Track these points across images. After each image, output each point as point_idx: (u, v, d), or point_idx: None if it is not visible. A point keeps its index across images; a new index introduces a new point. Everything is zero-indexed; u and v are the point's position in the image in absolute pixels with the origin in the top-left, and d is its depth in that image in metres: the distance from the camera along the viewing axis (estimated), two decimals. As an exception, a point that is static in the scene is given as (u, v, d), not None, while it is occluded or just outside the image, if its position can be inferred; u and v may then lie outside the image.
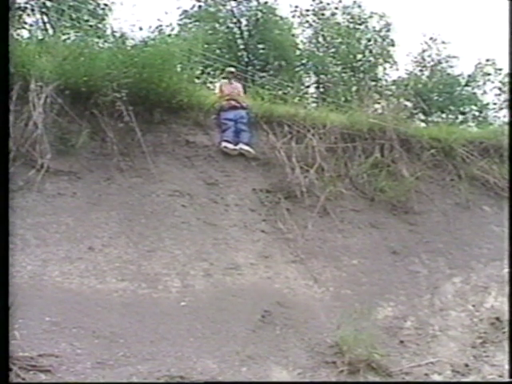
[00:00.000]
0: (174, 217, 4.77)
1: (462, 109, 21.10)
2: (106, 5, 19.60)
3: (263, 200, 5.29)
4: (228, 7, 17.66)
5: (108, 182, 4.83)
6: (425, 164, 6.08)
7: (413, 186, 5.77)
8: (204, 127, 5.64)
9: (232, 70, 6.44)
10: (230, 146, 5.52)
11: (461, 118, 20.74)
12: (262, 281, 4.50)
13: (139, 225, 4.58)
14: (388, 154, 5.96)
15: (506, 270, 4.96)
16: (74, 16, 14.84)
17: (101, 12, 18.96)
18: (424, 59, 23.06)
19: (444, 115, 21.02)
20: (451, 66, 22.43)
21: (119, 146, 4.97)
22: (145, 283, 4.11)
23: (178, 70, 5.69)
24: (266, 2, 17.86)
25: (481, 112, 20.64)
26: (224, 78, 6.45)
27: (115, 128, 5.01)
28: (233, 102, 5.79)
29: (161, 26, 18.81)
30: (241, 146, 5.55)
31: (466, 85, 22.04)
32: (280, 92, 12.47)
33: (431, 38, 23.01)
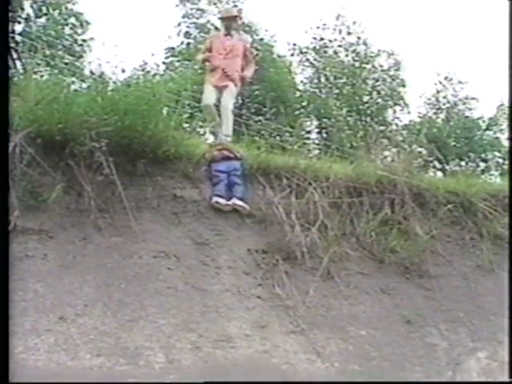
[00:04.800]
0: (159, 281, 4.80)
1: (483, 156, 21.41)
2: (84, 40, 20.11)
3: (259, 262, 5.33)
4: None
5: (84, 241, 4.88)
6: (441, 221, 6.16)
7: (428, 246, 5.82)
8: (193, 180, 5.73)
9: (233, 12, 7.30)
10: (222, 201, 5.60)
11: (482, 165, 21.04)
12: (257, 355, 4.49)
13: (119, 290, 4.60)
14: (399, 209, 6.04)
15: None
16: (47, 52, 15.21)
17: (78, 49, 19.47)
18: (439, 101, 23.55)
19: (463, 163, 21.32)
20: (470, 109, 22.91)
21: (97, 201, 5.05)
22: (124, 358, 4.10)
23: (165, 114, 5.84)
24: (261, 39, 18.41)
25: (504, 159, 20.87)
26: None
27: (93, 181, 5.09)
28: (225, 152, 5.93)
29: (145, 64, 19.29)
30: (234, 201, 5.63)
31: (487, 129, 22.44)
32: (277, 138, 12.68)
33: (446, 78, 23.58)
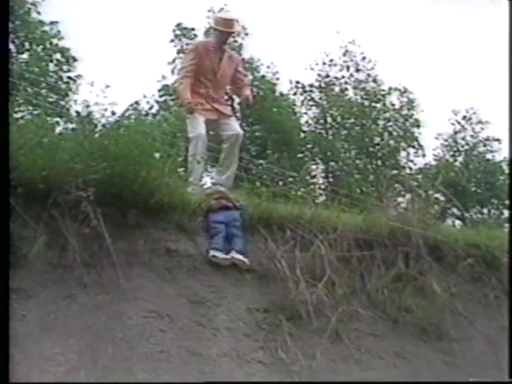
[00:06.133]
0: (150, 344, 4.79)
1: (506, 202, 21.45)
2: (70, 78, 20.42)
3: (260, 322, 5.32)
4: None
5: (67, 300, 4.87)
6: (461, 277, 6.17)
7: (447, 305, 5.82)
8: (188, 232, 5.76)
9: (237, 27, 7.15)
10: (220, 254, 5.61)
11: (506, 213, 21.05)
12: (259, 428, 4.47)
13: (105, 355, 4.58)
14: (414, 264, 6.06)
15: None
16: (30, 90, 15.46)
17: (63, 87, 19.76)
18: (457, 142, 23.79)
19: (485, 211, 21.36)
20: (491, 151, 23.13)
21: (83, 255, 5.06)
22: (110, 432, 4.07)
23: (158, 158, 5.91)
24: (263, 76, 18.73)
25: (531, 206, 20.85)
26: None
27: (79, 233, 5.10)
28: (223, 201, 5.98)
29: (137, 103, 19.57)
30: (233, 254, 5.64)
31: (512, 172, 22.49)
32: (280, 184, 12.76)
33: (465, 117, 23.88)
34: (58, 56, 20.24)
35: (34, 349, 4.50)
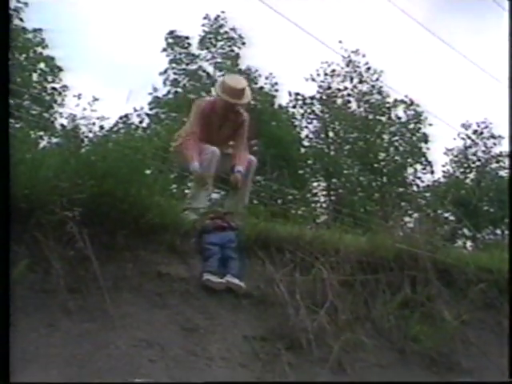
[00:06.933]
0: (139, 375, 4.75)
1: (522, 222, 21.47)
2: (54, 89, 20.42)
3: (258, 351, 5.30)
4: (213, 93, 18.56)
5: (50, 328, 4.84)
6: (472, 303, 6.17)
7: (457, 334, 5.83)
8: (181, 254, 5.76)
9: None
10: (215, 278, 5.61)
11: (521, 234, 21.07)
12: None
13: (91, 387, 4.57)
14: (422, 289, 6.06)
15: None
16: (11, 102, 15.50)
17: (47, 98, 19.78)
18: (468, 158, 23.85)
19: (498, 231, 21.37)
20: (504, 167, 23.13)
21: (68, 279, 5.04)
22: None
23: (148, 173, 5.92)
24: (261, 88, 18.81)
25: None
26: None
27: (64, 256, 5.10)
28: (218, 221, 5.99)
29: (126, 117, 19.63)
30: (228, 278, 5.64)
31: (527, 190, 22.56)
32: (279, 202, 12.79)
33: (476, 132, 23.96)
34: (42, 65, 20.19)
35: (14, 382, 4.47)
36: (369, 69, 22.13)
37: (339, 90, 21.66)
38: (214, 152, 6.67)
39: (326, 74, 21.92)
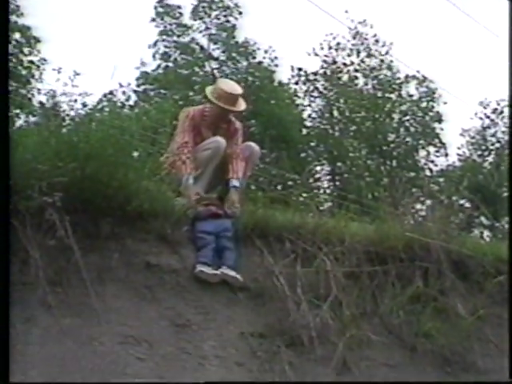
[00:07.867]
0: (126, 375, 4.76)
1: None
2: (31, 62, 20.18)
3: (255, 349, 5.31)
4: (207, 68, 18.51)
5: (28, 324, 4.83)
6: (490, 297, 6.19)
7: (473, 330, 5.84)
8: (172, 244, 5.75)
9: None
10: (209, 270, 5.61)
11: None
12: None
13: (73, 388, 4.58)
14: (434, 282, 6.07)
15: None
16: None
17: (24, 72, 19.56)
18: (486, 140, 23.81)
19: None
20: (527, 150, 23.13)
21: (47, 271, 5.02)
22: None
23: (137, 157, 5.90)
24: (259, 63, 18.74)
25: None
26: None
27: (43, 245, 5.07)
28: (213, 208, 5.98)
29: (111, 93, 19.56)
30: (224, 270, 5.65)
31: (550, 175, 22.59)
32: (279, 188, 12.78)
33: (495, 111, 23.88)
34: (17, 36, 19.79)
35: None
36: (377, 41, 22.07)
37: (345, 64, 21.59)
38: (218, 147, 6.58)
39: (330, 48, 21.86)
